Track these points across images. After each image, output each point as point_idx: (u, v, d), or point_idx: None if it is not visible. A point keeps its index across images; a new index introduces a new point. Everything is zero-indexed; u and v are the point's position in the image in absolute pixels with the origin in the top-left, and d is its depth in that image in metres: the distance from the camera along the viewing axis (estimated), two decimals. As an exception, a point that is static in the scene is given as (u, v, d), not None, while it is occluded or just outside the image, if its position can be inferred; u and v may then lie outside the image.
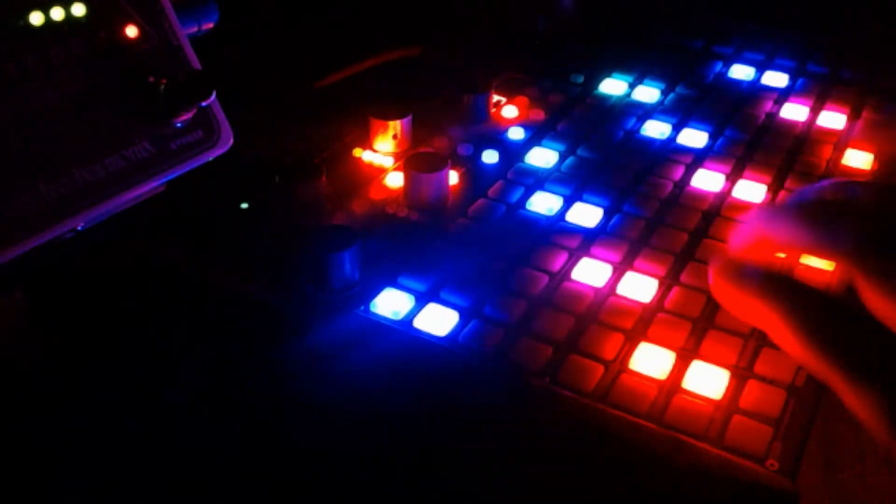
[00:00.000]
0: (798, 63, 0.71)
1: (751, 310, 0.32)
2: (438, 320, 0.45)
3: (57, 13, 0.40)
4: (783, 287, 0.31)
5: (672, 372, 0.42)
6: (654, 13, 0.80)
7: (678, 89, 0.67)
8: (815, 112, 0.64)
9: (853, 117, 0.64)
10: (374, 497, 0.39)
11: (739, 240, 0.36)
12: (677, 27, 0.77)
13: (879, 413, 0.28)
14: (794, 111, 0.65)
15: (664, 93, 0.67)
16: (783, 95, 0.67)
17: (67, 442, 0.41)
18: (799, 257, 0.37)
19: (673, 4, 0.81)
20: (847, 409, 0.29)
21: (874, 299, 0.29)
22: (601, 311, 0.45)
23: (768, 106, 0.65)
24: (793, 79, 0.69)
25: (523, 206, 0.54)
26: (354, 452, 0.40)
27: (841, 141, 0.58)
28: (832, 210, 0.31)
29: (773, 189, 0.56)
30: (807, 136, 0.62)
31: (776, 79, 0.69)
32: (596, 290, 0.47)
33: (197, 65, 0.44)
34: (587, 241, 0.50)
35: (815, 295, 0.31)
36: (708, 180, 0.56)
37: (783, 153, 0.59)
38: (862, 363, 0.29)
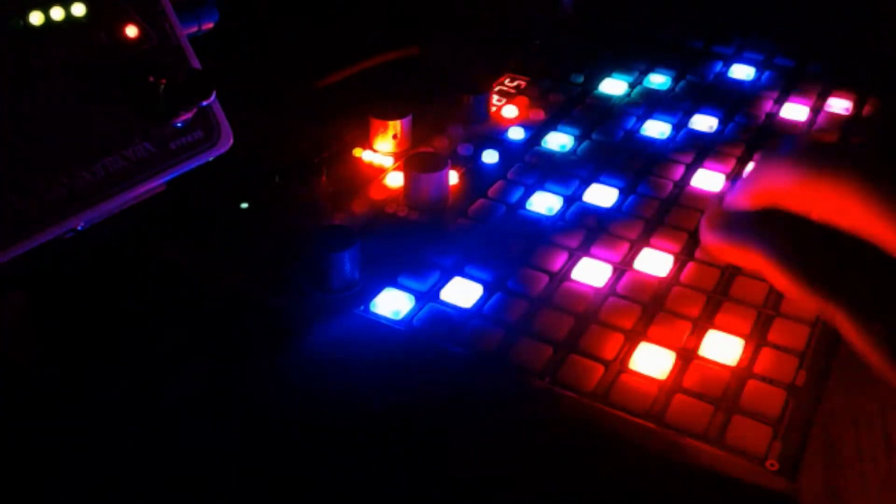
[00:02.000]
0: (798, 63, 0.71)
1: (743, 257, 0.32)
2: (438, 320, 0.45)
3: (57, 13, 0.40)
4: (773, 229, 0.31)
5: (672, 372, 0.42)
6: (654, 13, 0.80)
7: (678, 89, 0.67)
8: (815, 112, 0.64)
9: (853, 118, 0.64)
10: (373, 497, 0.39)
11: (734, 192, 0.35)
12: (677, 27, 0.77)
13: (878, 347, 0.27)
14: (795, 111, 0.65)
15: (665, 92, 0.67)
16: (783, 95, 0.67)
17: (67, 442, 0.41)
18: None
19: (673, 4, 0.81)
20: (849, 344, 0.29)
21: (875, 227, 0.28)
22: (601, 311, 0.45)
23: (768, 106, 0.65)
24: (792, 78, 0.69)
25: (523, 206, 0.54)
26: (354, 452, 0.40)
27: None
28: (828, 149, 0.31)
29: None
30: (807, 137, 0.62)
31: (776, 79, 0.69)
32: (596, 290, 0.47)
33: (197, 65, 0.44)
34: (587, 241, 0.50)
35: (808, 230, 0.30)
36: (708, 180, 0.56)
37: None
38: (859, 298, 0.28)
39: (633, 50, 0.73)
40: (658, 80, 0.68)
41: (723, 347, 0.43)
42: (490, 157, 0.58)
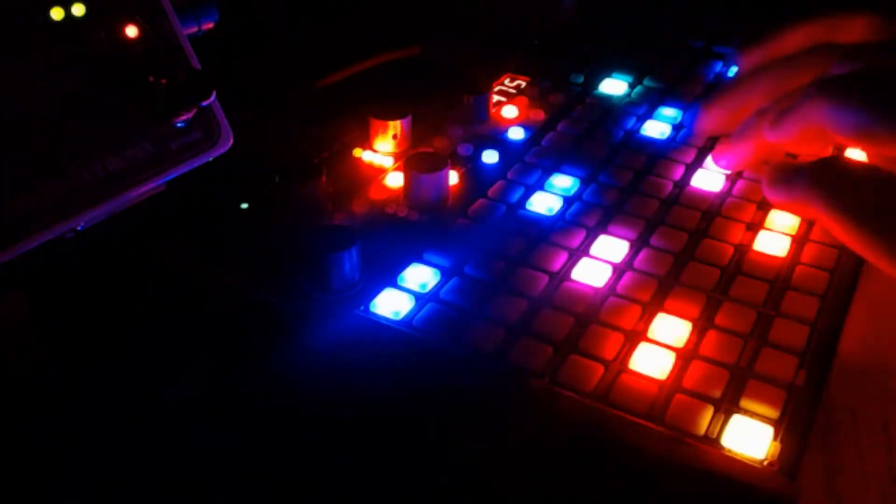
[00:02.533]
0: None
1: (804, 207, 0.35)
2: (438, 320, 0.45)
3: (57, 13, 0.40)
4: (830, 177, 0.33)
5: (672, 372, 0.42)
6: (655, 13, 0.80)
7: (678, 89, 0.67)
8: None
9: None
10: (373, 497, 0.39)
11: (789, 129, 0.36)
12: (677, 27, 0.77)
13: None
14: (795, 111, 0.65)
15: (664, 93, 0.67)
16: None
17: (67, 442, 0.41)
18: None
19: (674, 4, 0.81)
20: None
21: None
22: (601, 311, 0.45)
23: (768, 106, 0.65)
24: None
25: (523, 206, 0.54)
26: (354, 452, 0.40)
27: None
28: (887, 92, 0.33)
29: (774, 189, 0.56)
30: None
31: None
32: (596, 290, 0.47)
33: (197, 65, 0.44)
34: (587, 240, 0.50)
35: (862, 176, 0.33)
36: (708, 180, 0.56)
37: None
38: None
39: (633, 50, 0.73)
40: (658, 80, 0.68)
41: (723, 347, 0.43)
42: (490, 157, 0.58)
